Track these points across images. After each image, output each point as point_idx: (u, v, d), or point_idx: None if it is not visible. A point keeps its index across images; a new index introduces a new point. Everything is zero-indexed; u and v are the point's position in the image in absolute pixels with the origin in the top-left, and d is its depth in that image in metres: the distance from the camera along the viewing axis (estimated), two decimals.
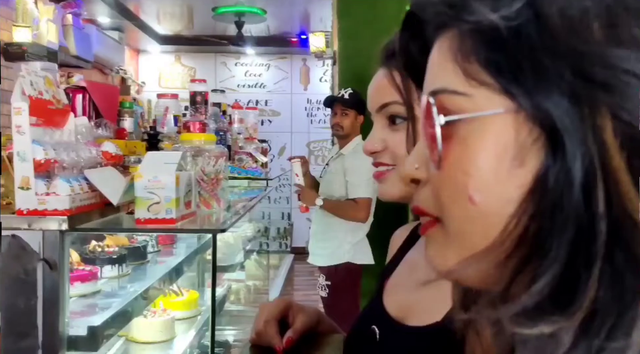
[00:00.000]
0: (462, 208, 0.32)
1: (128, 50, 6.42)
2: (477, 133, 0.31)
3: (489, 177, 0.30)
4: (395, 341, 0.67)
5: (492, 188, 0.30)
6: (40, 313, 1.20)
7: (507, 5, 0.30)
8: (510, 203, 0.30)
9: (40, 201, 1.18)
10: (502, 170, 0.30)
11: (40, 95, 1.25)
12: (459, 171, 0.32)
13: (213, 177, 1.66)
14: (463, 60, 0.32)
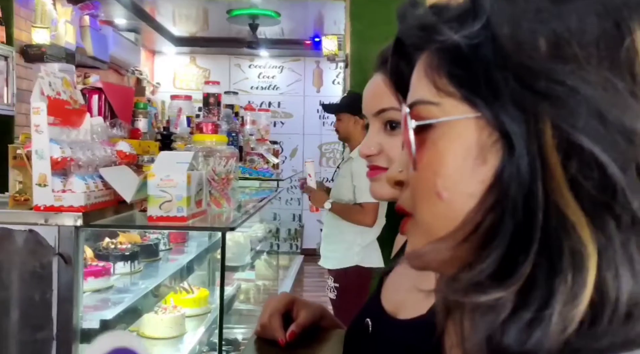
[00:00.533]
0: (431, 203, 0.36)
1: (144, 51, 6.51)
2: (445, 137, 0.36)
3: (455, 175, 0.35)
4: (385, 333, 0.71)
5: (457, 184, 0.35)
6: (55, 306, 1.24)
7: (467, 27, 0.35)
8: (473, 197, 0.34)
9: (56, 197, 1.22)
10: (467, 167, 0.34)
11: (58, 95, 1.29)
12: (430, 171, 0.36)
13: (224, 176, 1.69)
14: (433, 74, 0.37)
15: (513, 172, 0.32)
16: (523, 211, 0.32)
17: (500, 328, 0.31)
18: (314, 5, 5.35)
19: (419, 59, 0.40)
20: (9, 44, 3.49)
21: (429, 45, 0.38)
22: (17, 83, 3.59)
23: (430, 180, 0.36)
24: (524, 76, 0.32)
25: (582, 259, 0.30)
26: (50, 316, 1.24)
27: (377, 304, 0.76)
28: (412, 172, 0.38)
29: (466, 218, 0.34)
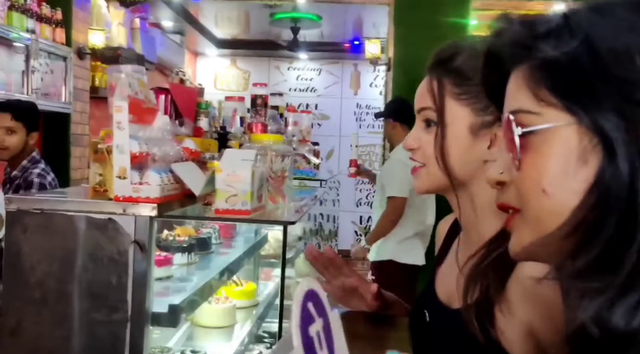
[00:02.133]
0: (537, 199, 0.42)
1: (187, 53, 6.69)
2: (548, 141, 0.41)
3: (559, 174, 0.41)
4: (441, 323, 0.78)
5: (561, 182, 0.40)
6: (130, 289, 1.34)
7: (565, 43, 0.40)
8: (576, 194, 0.40)
9: (134, 189, 1.32)
10: (569, 168, 0.40)
11: (136, 95, 1.40)
12: (534, 171, 0.42)
13: (279, 174, 1.77)
14: (534, 87, 0.43)
15: (614, 173, 0.37)
16: (626, 205, 0.37)
17: (608, 310, 0.36)
18: (354, 8, 5.42)
19: (514, 71, 0.45)
20: (68, 45, 3.68)
21: (526, 60, 0.43)
22: (74, 83, 3.77)
23: (535, 179, 0.42)
24: (622, 87, 0.37)
25: None
26: (126, 299, 1.34)
27: (432, 295, 0.82)
28: (516, 172, 0.44)
29: (573, 213, 0.40)
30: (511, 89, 0.46)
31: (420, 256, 3.07)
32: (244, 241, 2.65)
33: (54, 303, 1.36)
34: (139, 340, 1.33)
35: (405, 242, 3.07)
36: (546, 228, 0.42)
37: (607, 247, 0.38)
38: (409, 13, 3.58)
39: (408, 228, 3.08)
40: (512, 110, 0.44)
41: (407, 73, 3.57)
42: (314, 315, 0.31)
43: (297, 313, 0.30)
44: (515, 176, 0.44)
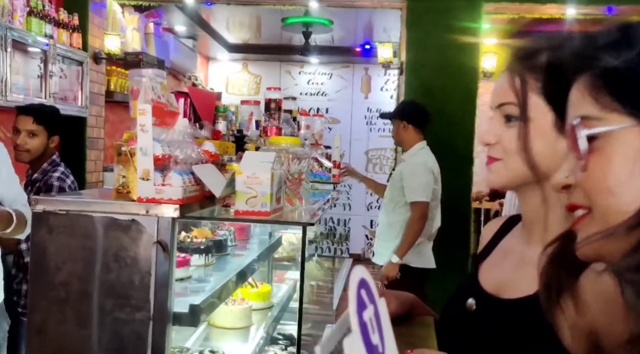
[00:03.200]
0: (604, 198, 0.45)
1: (199, 58, 6.75)
2: (611, 144, 0.44)
3: (624, 173, 0.43)
4: (490, 311, 0.78)
5: (626, 181, 0.43)
6: (152, 289, 1.36)
7: (625, 53, 0.44)
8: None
9: (157, 191, 1.35)
10: (635, 167, 0.43)
11: (159, 98, 1.43)
12: (599, 171, 0.45)
13: (296, 176, 1.80)
14: (596, 94, 0.46)
15: None
16: None
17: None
18: (365, 13, 5.45)
19: (576, 81, 0.49)
20: (84, 49, 3.73)
21: (588, 69, 0.47)
22: (90, 87, 3.82)
23: (600, 179, 0.44)
24: None
25: None
26: (148, 299, 1.36)
27: (476, 285, 0.84)
28: (581, 173, 0.46)
29: (637, 212, 0.42)
30: (574, 97, 0.49)
31: (431, 260, 3.08)
32: (258, 243, 2.67)
33: (78, 303, 1.39)
34: (161, 339, 1.36)
35: (418, 247, 3.08)
36: (611, 225, 0.44)
37: None
38: (421, 17, 3.60)
39: (422, 234, 3.10)
40: (577, 115, 0.47)
41: (420, 76, 3.59)
42: (366, 302, 0.32)
43: (354, 299, 0.31)
44: (581, 178, 0.47)
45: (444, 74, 3.49)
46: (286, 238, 3.20)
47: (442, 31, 3.52)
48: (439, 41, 3.51)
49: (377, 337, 0.32)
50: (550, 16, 3.66)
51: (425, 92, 3.51)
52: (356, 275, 0.33)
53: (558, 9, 3.62)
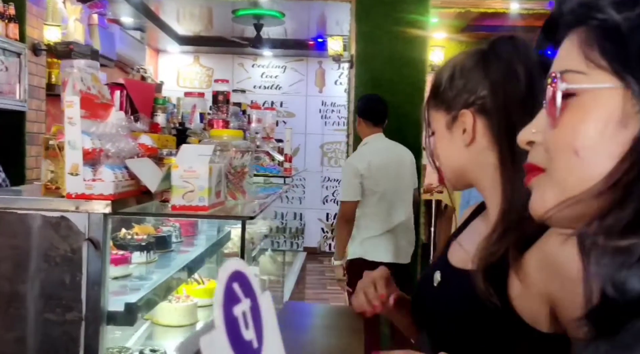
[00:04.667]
0: (567, 159, 0.42)
1: (148, 50, 6.58)
2: (591, 102, 0.41)
3: (596, 136, 0.40)
4: (453, 283, 0.85)
5: (596, 144, 0.40)
6: (84, 288, 1.31)
7: (628, 10, 0.40)
8: (610, 158, 0.40)
9: (87, 186, 1.30)
10: (608, 130, 0.40)
11: (89, 90, 1.37)
12: (570, 129, 0.42)
13: (239, 170, 1.77)
14: (586, 48, 0.42)
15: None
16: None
17: (628, 270, 0.36)
18: (317, 5, 5.43)
19: (569, 34, 0.45)
20: (22, 41, 3.57)
21: (587, 21, 0.43)
22: (29, 80, 3.66)
23: (569, 138, 0.42)
24: None
25: None
26: (80, 298, 1.31)
27: (444, 261, 0.89)
28: (551, 130, 0.43)
29: (606, 177, 0.39)
30: (562, 50, 0.46)
31: (388, 253, 3.04)
32: (205, 239, 2.62)
33: (5, 304, 1.32)
34: (94, 340, 1.31)
35: (371, 240, 3.08)
36: (572, 190, 0.41)
37: (638, 210, 0.38)
38: (370, 10, 3.60)
39: (372, 229, 3.09)
40: (560, 69, 0.44)
41: (369, 69, 3.60)
42: (239, 296, 0.31)
43: (221, 292, 0.30)
44: (549, 134, 0.44)
45: (393, 67, 3.51)
46: (236, 233, 3.16)
47: (390, 24, 3.54)
48: (388, 34, 3.53)
49: (252, 332, 0.31)
50: (496, 10, 3.74)
51: (374, 84, 3.52)
52: (228, 268, 0.31)
53: (503, 3, 3.69)
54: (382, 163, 3.03)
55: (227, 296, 0.29)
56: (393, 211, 3.04)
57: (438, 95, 0.91)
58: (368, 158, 3.06)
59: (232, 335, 0.28)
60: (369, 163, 3.03)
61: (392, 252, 3.03)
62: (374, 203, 3.06)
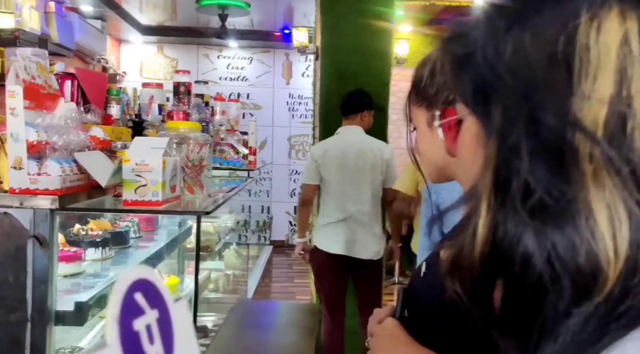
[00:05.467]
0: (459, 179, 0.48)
1: (110, 40, 6.40)
2: (462, 131, 0.47)
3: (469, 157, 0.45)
4: (435, 270, 0.83)
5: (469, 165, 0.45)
6: (30, 287, 1.25)
7: (471, 45, 0.43)
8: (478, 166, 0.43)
9: (32, 180, 1.23)
10: (475, 152, 0.43)
11: (33, 79, 1.30)
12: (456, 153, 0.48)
13: (197, 163, 1.72)
14: (450, 80, 0.48)
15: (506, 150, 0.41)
16: (503, 171, 0.40)
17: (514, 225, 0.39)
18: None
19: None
20: None
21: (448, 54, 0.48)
22: None
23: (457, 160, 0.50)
24: (506, 92, 0.41)
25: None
26: (25, 298, 1.25)
27: (435, 256, 0.89)
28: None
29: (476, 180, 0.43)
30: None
31: (338, 245, 2.97)
32: (166, 234, 2.56)
33: None
34: (41, 341, 1.25)
35: (325, 228, 3.06)
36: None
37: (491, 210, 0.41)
38: (336, 2, 3.57)
39: (326, 216, 3.07)
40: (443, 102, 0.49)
41: (334, 61, 3.57)
42: (143, 307, 0.27)
43: (117, 304, 0.26)
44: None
45: (358, 59, 3.48)
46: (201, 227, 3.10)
47: (356, 16, 3.51)
48: (353, 26, 3.50)
49: (159, 347, 0.28)
50: (460, 4, 3.75)
51: (340, 76, 3.49)
52: (128, 278, 0.28)
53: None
54: (338, 153, 3.01)
55: (126, 308, 0.26)
56: (346, 202, 2.99)
57: (419, 91, 0.91)
58: (326, 147, 3.08)
59: (131, 353, 0.25)
60: (324, 152, 3.04)
61: (342, 243, 2.96)
62: (327, 191, 3.06)
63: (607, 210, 0.36)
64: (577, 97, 0.37)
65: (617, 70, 0.37)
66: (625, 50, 0.37)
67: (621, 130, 0.36)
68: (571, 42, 0.38)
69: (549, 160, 0.37)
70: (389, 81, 3.54)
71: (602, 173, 0.36)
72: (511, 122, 0.39)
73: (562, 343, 0.36)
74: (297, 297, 4.82)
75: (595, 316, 0.36)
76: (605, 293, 0.35)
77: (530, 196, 0.37)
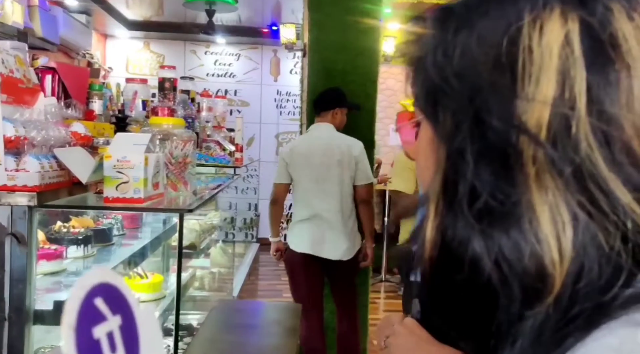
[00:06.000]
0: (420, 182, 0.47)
1: (95, 35, 6.32)
2: (419, 134, 0.47)
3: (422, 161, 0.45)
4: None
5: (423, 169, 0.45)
6: (7, 286, 1.22)
7: (423, 48, 0.43)
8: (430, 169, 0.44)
9: (9, 177, 1.20)
10: (427, 155, 0.44)
11: (11, 73, 1.27)
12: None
13: (181, 160, 1.69)
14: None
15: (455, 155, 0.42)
16: (452, 173, 0.41)
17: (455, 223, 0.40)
18: None
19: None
20: None
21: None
22: None
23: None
24: (457, 97, 0.43)
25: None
26: (2, 297, 1.22)
27: None
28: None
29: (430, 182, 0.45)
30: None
31: (304, 243, 2.92)
32: (150, 231, 2.53)
33: None
34: (19, 341, 1.23)
35: (295, 226, 3.04)
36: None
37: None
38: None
39: (296, 215, 3.06)
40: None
41: (322, 58, 3.55)
42: (104, 313, 0.26)
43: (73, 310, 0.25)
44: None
45: (345, 56, 3.47)
46: (187, 225, 3.07)
47: (343, 13, 3.49)
48: (340, 23, 3.48)
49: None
50: (448, 1, 3.73)
51: (327, 74, 3.48)
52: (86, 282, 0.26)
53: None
54: (304, 151, 2.97)
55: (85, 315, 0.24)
56: (311, 199, 2.95)
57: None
58: (293, 145, 3.06)
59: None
60: (291, 150, 3.01)
61: (308, 243, 2.91)
62: (296, 189, 3.03)
63: (550, 212, 0.35)
64: (521, 99, 0.37)
65: (559, 71, 0.36)
66: (567, 51, 0.36)
67: (565, 131, 0.36)
68: (514, 44, 0.37)
69: (494, 163, 0.37)
70: (376, 79, 3.53)
71: (545, 175, 0.36)
72: (458, 125, 0.39)
73: (521, 347, 0.36)
74: (284, 295, 4.80)
75: (549, 320, 0.36)
76: (554, 295, 0.35)
77: (476, 200, 0.37)
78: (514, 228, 0.36)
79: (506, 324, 0.37)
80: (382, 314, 4.74)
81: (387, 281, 5.61)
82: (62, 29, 4.85)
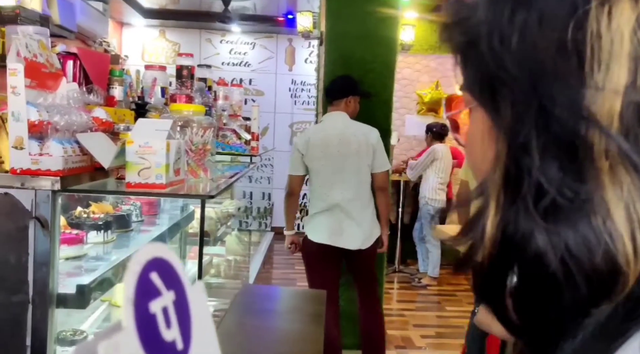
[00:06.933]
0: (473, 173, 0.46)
1: (112, 23, 6.34)
2: (470, 121, 0.44)
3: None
4: None
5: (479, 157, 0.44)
6: (31, 269, 1.23)
7: (471, 31, 0.40)
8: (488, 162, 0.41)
9: (33, 161, 1.21)
10: (483, 144, 0.43)
11: (35, 58, 1.27)
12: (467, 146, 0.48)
13: (201, 147, 1.69)
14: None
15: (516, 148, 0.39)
16: (514, 170, 0.39)
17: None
18: None
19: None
20: None
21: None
22: None
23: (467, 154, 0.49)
24: (512, 80, 0.40)
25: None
26: (26, 280, 1.24)
27: None
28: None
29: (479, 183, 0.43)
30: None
31: (324, 234, 2.92)
32: (168, 218, 2.55)
33: None
34: (42, 324, 1.24)
35: (313, 218, 3.03)
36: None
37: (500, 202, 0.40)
38: None
39: (313, 206, 3.05)
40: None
41: (339, 47, 3.53)
42: (159, 288, 0.25)
43: (132, 285, 0.24)
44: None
45: (363, 46, 3.44)
46: None
47: (361, 2, 3.46)
48: (358, 12, 3.45)
49: (176, 331, 0.26)
50: None
51: (344, 63, 3.45)
52: (143, 255, 0.25)
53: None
54: (320, 142, 2.95)
55: (142, 289, 0.24)
56: (331, 190, 2.93)
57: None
58: (308, 135, 3.02)
59: (147, 337, 0.23)
60: (307, 141, 2.98)
61: (328, 233, 2.92)
62: (313, 181, 3.01)
63: (626, 209, 0.34)
64: (590, 88, 0.35)
65: (632, 57, 0.34)
66: (639, 36, 0.34)
67: (637, 122, 0.34)
68: (581, 29, 0.35)
69: (561, 157, 0.35)
70: (394, 68, 3.50)
71: (619, 169, 0.34)
72: (520, 117, 0.37)
73: (582, 340, 0.35)
74: (297, 284, 4.82)
75: (617, 316, 0.35)
76: (625, 294, 0.34)
77: (542, 197, 0.35)
78: (583, 225, 0.34)
79: (569, 321, 0.36)
80: (396, 305, 4.74)
81: (401, 271, 5.60)
82: (79, 16, 4.88)
